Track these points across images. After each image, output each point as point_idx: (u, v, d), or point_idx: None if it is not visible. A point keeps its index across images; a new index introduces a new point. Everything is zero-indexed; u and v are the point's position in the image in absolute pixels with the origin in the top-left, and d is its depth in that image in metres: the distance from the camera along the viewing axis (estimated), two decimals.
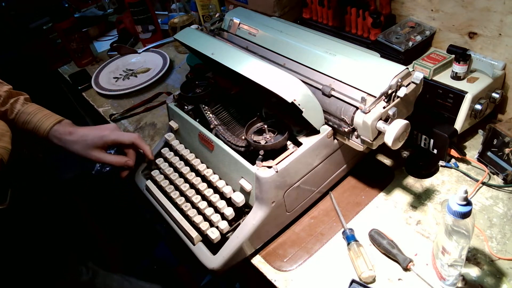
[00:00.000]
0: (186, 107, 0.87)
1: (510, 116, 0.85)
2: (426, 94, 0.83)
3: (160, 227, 1.49)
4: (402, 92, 0.66)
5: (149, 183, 0.85)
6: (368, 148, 0.71)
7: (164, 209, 0.80)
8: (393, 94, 0.67)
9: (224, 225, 0.71)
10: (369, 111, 0.66)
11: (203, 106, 0.85)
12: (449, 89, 0.80)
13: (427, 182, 0.79)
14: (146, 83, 1.23)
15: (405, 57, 0.88)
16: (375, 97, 0.67)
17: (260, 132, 0.76)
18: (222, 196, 0.75)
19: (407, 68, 0.69)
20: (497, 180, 0.76)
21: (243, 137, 0.76)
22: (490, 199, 0.74)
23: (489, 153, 0.78)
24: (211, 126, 0.81)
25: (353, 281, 0.64)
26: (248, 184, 0.69)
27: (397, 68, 0.69)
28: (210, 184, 0.77)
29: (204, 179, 0.79)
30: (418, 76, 0.68)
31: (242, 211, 0.73)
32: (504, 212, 0.71)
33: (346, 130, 0.70)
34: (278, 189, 0.69)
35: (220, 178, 0.76)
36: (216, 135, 0.79)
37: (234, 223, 0.73)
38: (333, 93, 0.71)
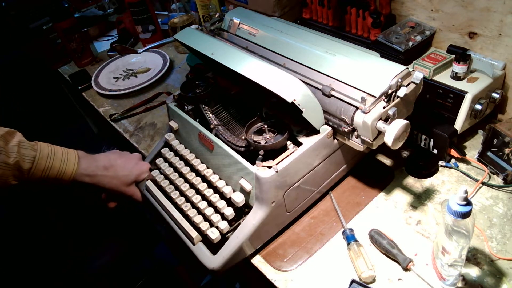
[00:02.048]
0: (186, 107, 0.87)
1: (510, 116, 0.85)
2: (426, 94, 0.83)
3: (160, 227, 1.49)
4: (402, 92, 0.66)
5: (149, 183, 0.85)
6: (368, 148, 0.71)
7: (164, 209, 0.80)
8: (393, 94, 0.67)
9: (224, 225, 0.71)
10: (369, 111, 0.66)
11: (203, 106, 0.85)
12: (449, 89, 0.80)
13: (427, 182, 0.79)
14: (146, 83, 1.23)
15: (405, 57, 0.88)
16: (375, 97, 0.67)
17: (260, 132, 0.76)
18: (222, 196, 0.75)
19: (407, 68, 0.69)
20: (497, 180, 0.76)
21: (243, 137, 0.76)
22: (490, 199, 0.74)
23: (489, 153, 0.78)
24: (211, 126, 0.81)
25: (353, 281, 0.64)
26: (248, 184, 0.69)
27: (397, 68, 0.69)
28: (210, 184, 0.77)
29: (204, 179, 0.79)
30: (418, 76, 0.68)
31: (242, 211, 0.73)
32: (504, 212, 0.71)
33: (346, 130, 0.70)
34: (278, 189, 0.69)
35: (220, 178, 0.76)
36: (216, 135, 0.79)
37: (234, 223, 0.73)
38: (333, 93, 0.71)
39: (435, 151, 0.81)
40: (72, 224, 1.31)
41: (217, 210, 0.74)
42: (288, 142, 0.72)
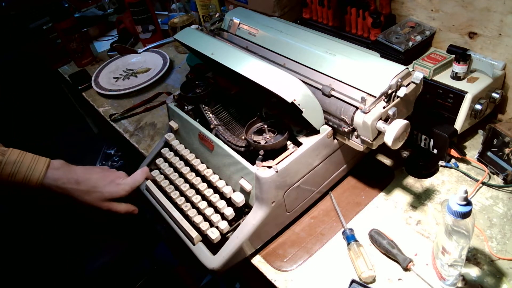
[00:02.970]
0: (186, 107, 0.87)
1: (510, 116, 0.85)
2: (426, 94, 0.83)
3: (160, 227, 1.49)
4: (402, 92, 0.66)
5: (149, 183, 0.85)
6: (368, 148, 0.71)
7: (164, 209, 0.80)
8: (393, 94, 0.67)
9: (224, 225, 0.71)
10: (369, 111, 0.66)
11: (203, 106, 0.85)
12: (449, 89, 0.80)
13: (427, 182, 0.79)
14: (146, 83, 1.23)
15: (405, 57, 0.88)
16: (375, 97, 0.67)
17: (260, 132, 0.76)
18: (222, 196, 0.75)
19: (407, 68, 0.69)
20: (497, 180, 0.76)
21: (243, 137, 0.76)
22: (490, 199, 0.74)
23: (489, 153, 0.78)
24: (211, 126, 0.81)
25: (353, 281, 0.64)
26: (248, 184, 0.69)
27: (397, 68, 0.69)
28: (210, 184, 0.77)
29: (204, 179, 0.79)
30: (418, 76, 0.68)
31: (242, 211, 0.73)
32: (504, 212, 0.71)
33: (346, 130, 0.70)
34: (278, 189, 0.69)
35: (220, 178, 0.76)
36: (216, 135, 0.79)
37: (234, 223, 0.73)
38: (333, 93, 0.71)
39: (435, 151, 0.81)
40: (71, 224, 1.31)
41: (217, 210, 0.74)
42: (288, 142, 0.72)
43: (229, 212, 0.72)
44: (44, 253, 1.15)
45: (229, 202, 0.73)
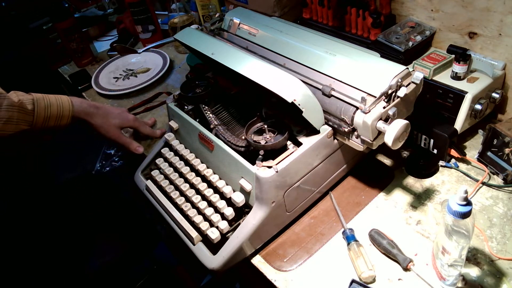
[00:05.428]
0: (186, 107, 0.87)
1: (510, 116, 0.85)
2: (426, 94, 0.83)
3: (160, 227, 1.50)
4: (402, 92, 0.66)
5: (149, 183, 0.85)
6: (368, 148, 0.71)
7: (164, 209, 0.80)
8: (393, 94, 0.67)
9: (224, 225, 0.71)
10: (369, 111, 0.66)
11: (203, 106, 0.85)
12: (449, 89, 0.80)
13: (427, 182, 0.79)
14: (146, 83, 1.23)
15: (405, 57, 0.88)
16: (375, 97, 0.67)
17: (260, 132, 0.76)
18: (222, 196, 0.75)
19: (407, 68, 0.69)
20: (497, 180, 0.77)
21: (243, 137, 0.76)
22: (490, 199, 0.74)
23: (489, 153, 0.78)
24: (211, 126, 0.81)
25: (353, 281, 0.64)
26: (248, 184, 0.69)
27: (397, 68, 0.69)
28: (210, 184, 0.77)
29: (204, 179, 0.79)
30: (418, 76, 0.68)
31: (242, 211, 0.73)
32: (504, 212, 0.71)
33: (346, 130, 0.70)
34: (278, 189, 0.69)
35: (220, 178, 0.76)
36: (216, 135, 0.79)
37: (234, 223, 0.73)
38: (333, 93, 0.71)
39: (435, 151, 0.81)
40: (71, 224, 1.31)
41: (217, 210, 0.74)
42: (288, 142, 0.72)
43: (229, 212, 0.72)
44: (45, 253, 1.15)
45: (229, 202, 0.73)
